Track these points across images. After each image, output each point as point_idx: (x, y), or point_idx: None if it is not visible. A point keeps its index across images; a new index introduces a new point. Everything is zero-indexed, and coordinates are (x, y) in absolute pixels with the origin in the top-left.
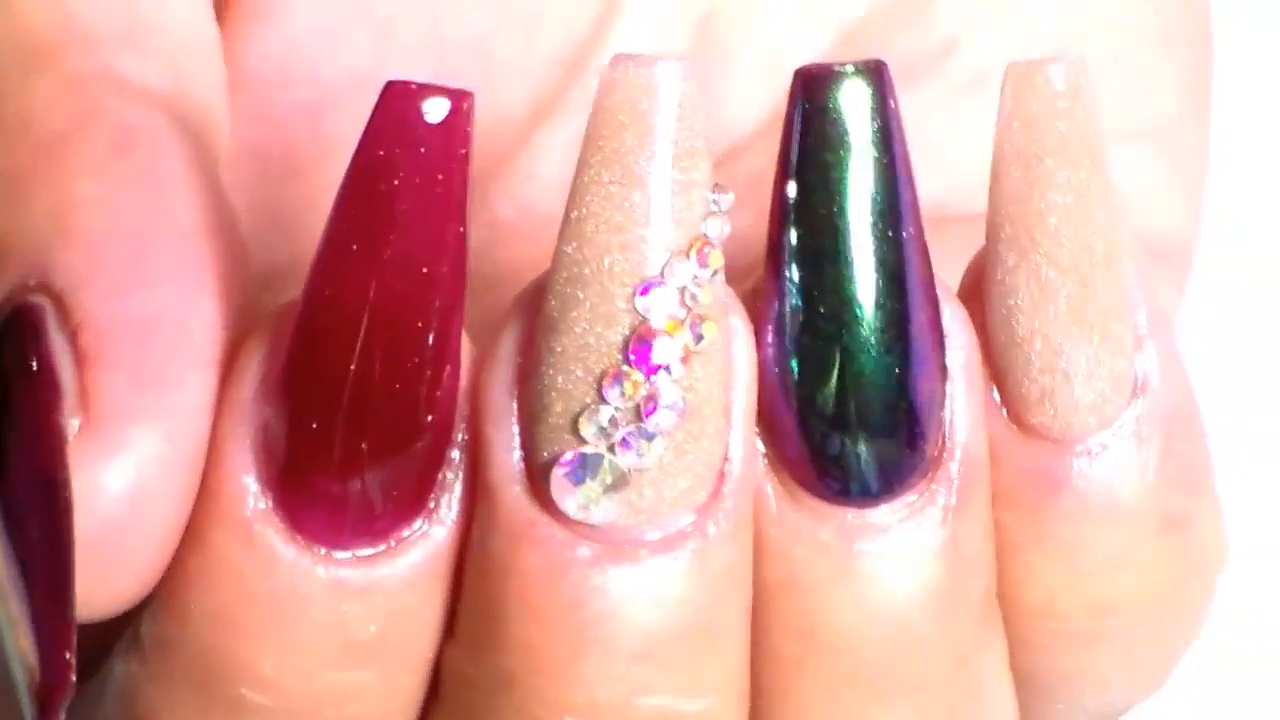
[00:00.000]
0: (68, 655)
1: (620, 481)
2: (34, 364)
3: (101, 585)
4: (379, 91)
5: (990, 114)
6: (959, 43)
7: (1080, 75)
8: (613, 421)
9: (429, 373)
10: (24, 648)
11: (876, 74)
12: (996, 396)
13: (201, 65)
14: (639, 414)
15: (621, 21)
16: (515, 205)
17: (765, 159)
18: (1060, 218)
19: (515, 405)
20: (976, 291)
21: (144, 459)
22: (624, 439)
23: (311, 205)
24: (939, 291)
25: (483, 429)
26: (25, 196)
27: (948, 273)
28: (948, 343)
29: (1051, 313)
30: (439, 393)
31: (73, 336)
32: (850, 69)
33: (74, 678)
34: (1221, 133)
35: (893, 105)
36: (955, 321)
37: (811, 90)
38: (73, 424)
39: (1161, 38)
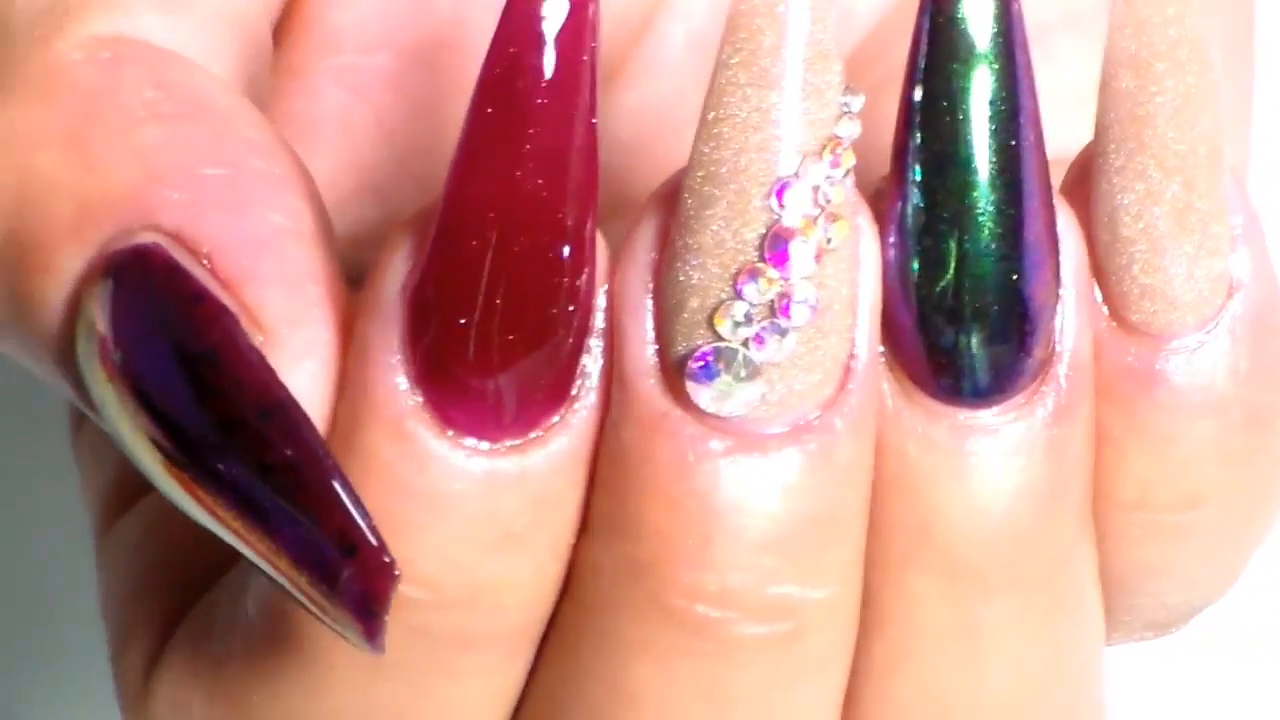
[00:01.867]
0: (383, 544)
1: (753, 375)
2: (198, 295)
3: None
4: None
5: (1042, 69)
6: None
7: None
8: (748, 317)
9: (567, 265)
10: (333, 614)
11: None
12: (1098, 294)
13: (234, 34)
14: (773, 310)
15: None
16: (634, 104)
17: (884, 66)
18: (1168, 120)
19: (650, 300)
20: (1080, 189)
21: (324, 352)
22: (758, 334)
23: (400, 167)
24: (1053, 198)
25: (620, 322)
26: (88, 151)
27: None
28: (1060, 248)
29: (1156, 213)
30: (577, 284)
31: (209, 265)
32: None
33: (398, 571)
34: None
35: (1016, 12)
36: (1068, 228)
37: (936, 12)
38: (257, 341)
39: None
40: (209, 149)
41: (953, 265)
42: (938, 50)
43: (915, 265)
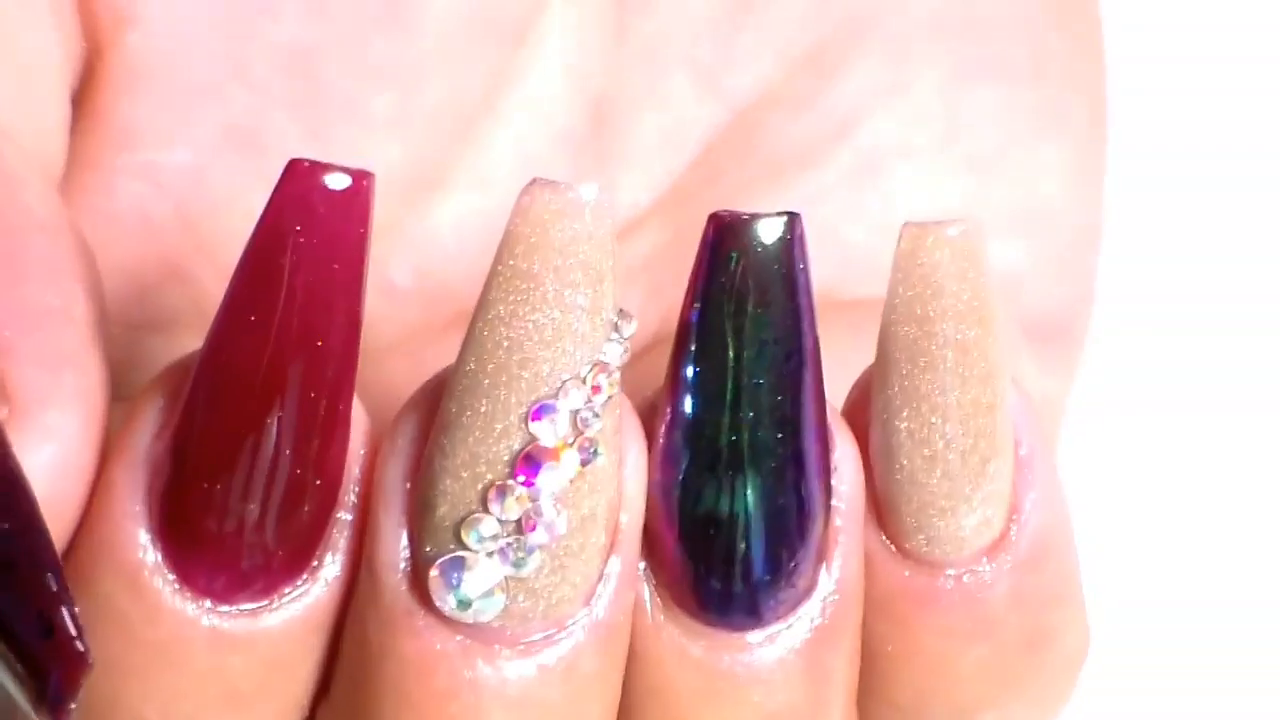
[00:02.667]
0: (80, 633)
1: (495, 589)
2: None
3: None
4: (281, 168)
5: (881, 197)
6: (852, 128)
7: (975, 237)
8: (494, 533)
9: (318, 440)
10: (23, 681)
11: (790, 226)
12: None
13: (42, 108)
14: (520, 528)
15: (512, 94)
16: (412, 271)
17: (657, 235)
18: (947, 372)
19: (405, 496)
20: (861, 412)
21: (67, 439)
22: (503, 549)
23: (206, 257)
24: (831, 425)
25: (374, 509)
26: None
27: (836, 353)
28: (835, 479)
29: (933, 455)
30: (328, 459)
31: None
32: (763, 221)
33: (90, 659)
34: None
35: (799, 254)
36: (846, 457)
37: (722, 237)
38: (0, 414)
39: (1049, 123)
40: None
41: (718, 496)
42: (713, 286)
43: (678, 492)
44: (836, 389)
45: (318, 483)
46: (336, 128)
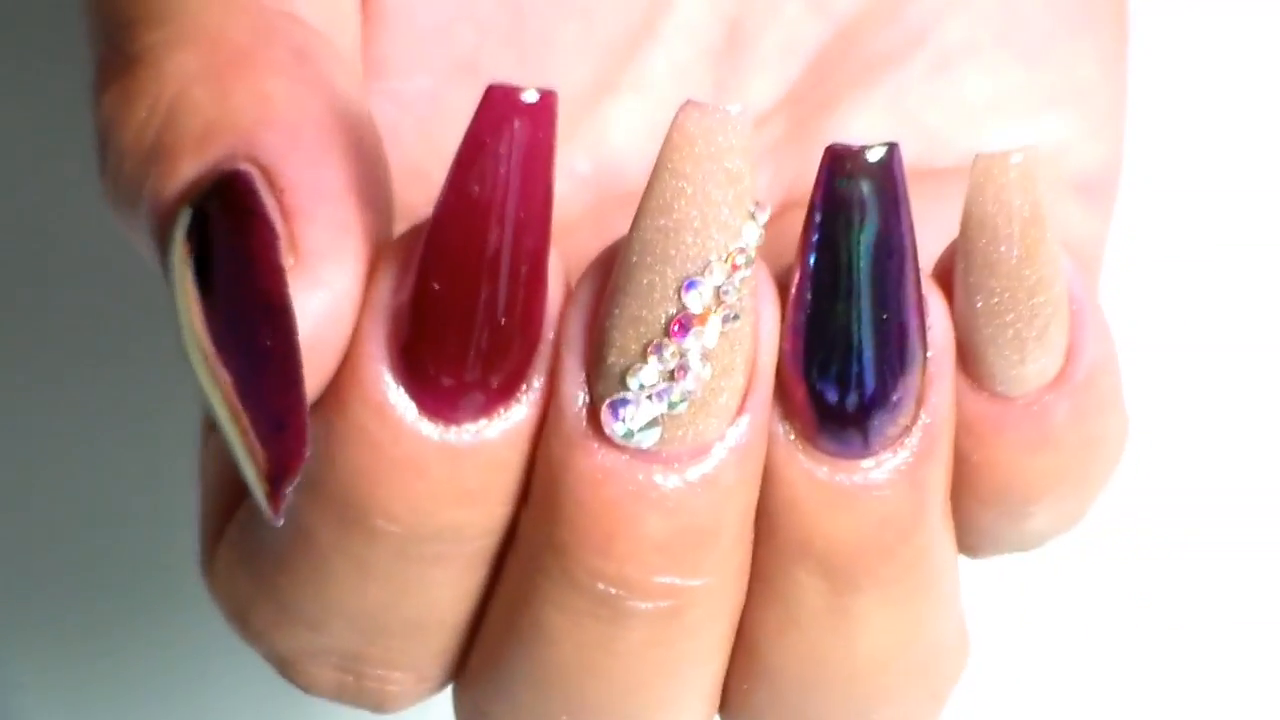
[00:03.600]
0: (305, 435)
1: (653, 424)
2: (256, 212)
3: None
4: (483, 88)
5: (952, 86)
6: (928, 33)
7: (1033, 162)
8: (653, 379)
9: (523, 296)
10: (254, 453)
11: (890, 154)
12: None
13: (346, 23)
14: (673, 376)
15: (666, 20)
16: (590, 161)
17: (779, 128)
18: (1014, 267)
19: (583, 344)
20: (948, 270)
21: (338, 291)
22: (659, 392)
23: (440, 161)
24: (926, 295)
25: (560, 352)
26: (225, 90)
27: (928, 212)
28: (930, 335)
29: (1004, 325)
30: (531, 311)
31: (280, 197)
32: (869, 153)
33: (308, 454)
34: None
35: (899, 175)
36: (938, 316)
37: (835, 167)
38: (289, 262)
39: (1084, 20)
40: (315, 111)
41: (836, 356)
42: (829, 203)
43: (803, 356)
44: (931, 244)
45: (523, 329)
46: (538, 54)
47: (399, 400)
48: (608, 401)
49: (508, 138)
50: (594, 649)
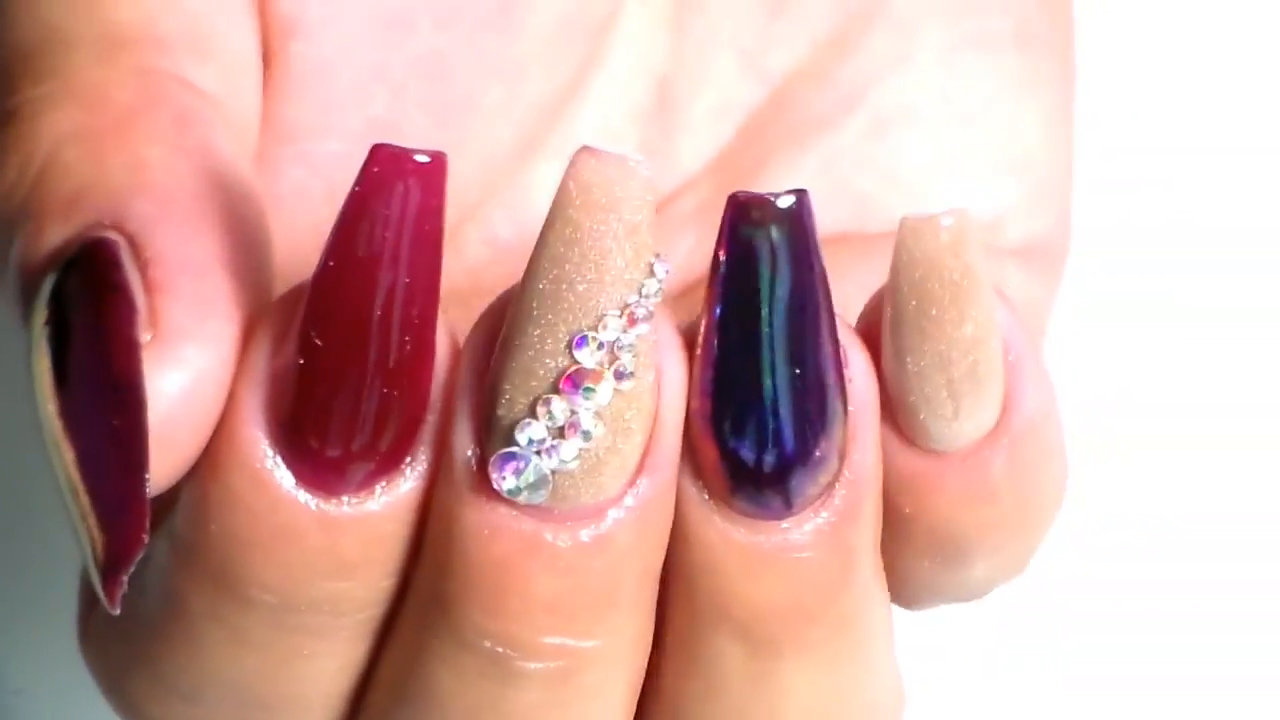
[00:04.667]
0: (144, 521)
1: (542, 481)
2: (115, 286)
3: (153, 469)
4: (368, 152)
5: (888, 152)
6: (863, 95)
7: (964, 225)
8: (546, 431)
9: (409, 365)
10: (91, 535)
11: (799, 202)
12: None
13: (243, 86)
14: (561, 434)
15: (594, 80)
16: (513, 227)
17: (706, 191)
18: (946, 334)
19: (473, 395)
20: (874, 320)
21: (198, 371)
22: (549, 449)
23: None
24: (845, 345)
25: (451, 403)
26: (101, 154)
27: (852, 277)
28: (850, 388)
29: (936, 386)
30: (417, 380)
31: (144, 269)
32: (779, 200)
33: (146, 540)
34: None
35: (809, 226)
36: (860, 372)
37: (740, 216)
38: (145, 338)
39: (1028, 81)
40: (191, 180)
41: (749, 414)
42: (736, 252)
43: (713, 415)
44: (853, 307)
45: (408, 399)
46: (457, 118)
47: (276, 469)
48: (495, 456)
49: (395, 200)
50: (485, 710)
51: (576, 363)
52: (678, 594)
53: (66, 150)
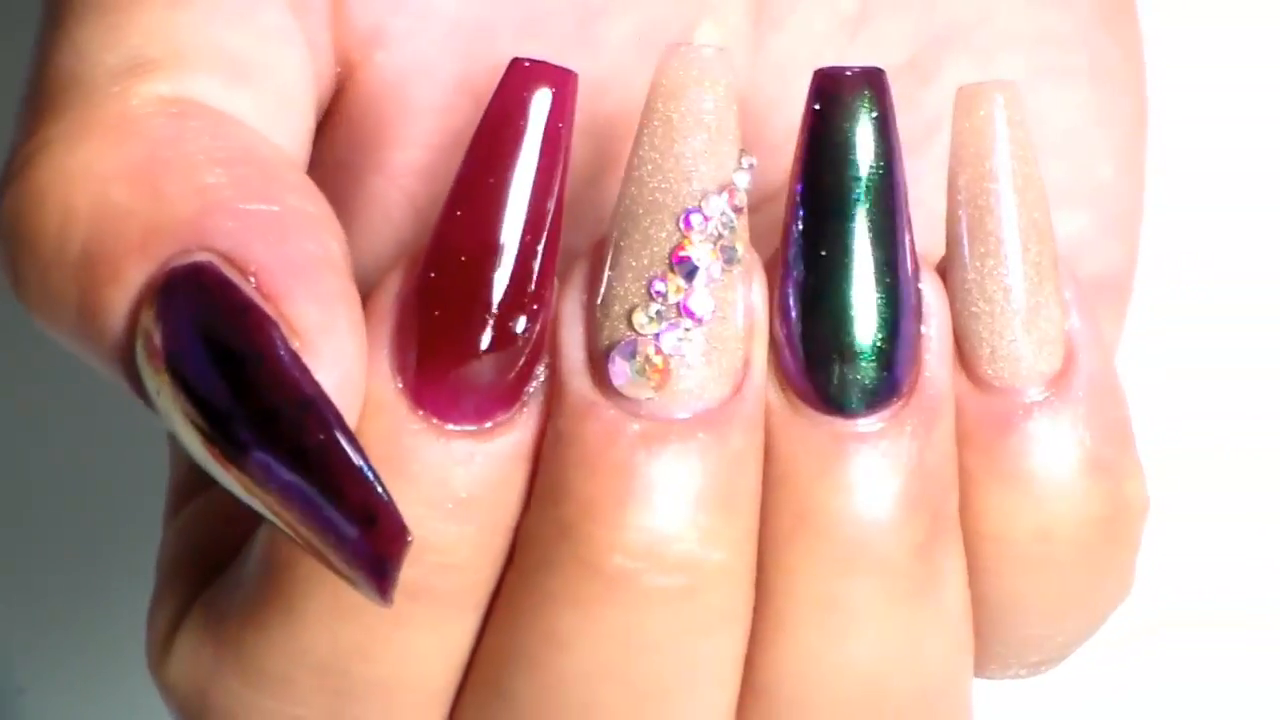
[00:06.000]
0: (401, 521)
1: (656, 368)
2: (246, 305)
3: None
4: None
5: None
6: (943, 122)
7: (1016, 96)
8: (658, 314)
9: (531, 292)
10: (347, 565)
11: (878, 79)
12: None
13: (288, 112)
14: (679, 311)
15: None
16: (587, 238)
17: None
18: (1004, 210)
19: (583, 312)
20: (944, 277)
21: (348, 363)
22: (667, 328)
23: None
24: (922, 268)
25: (558, 334)
26: (155, 187)
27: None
28: (925, 310)
29: (999, 288)
30: (537, 308)
31: (255, 282)
32: (857, 75)
33: (410, 537)
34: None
35: (889, 104)
36: (935, 294)
37: (824, 91)
38: (295, 345)
39: (1103, 116)
40: (256, 188)
41: (829, 321)
42: (821, 138)
43: (798, 313)
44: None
45: (526, 333)
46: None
47: (398, 395)
48: (615, 347)
49: (519, 136)
50: (613, 645)
51: (684, 238)
52: (761, 515)
53: (114, 190)
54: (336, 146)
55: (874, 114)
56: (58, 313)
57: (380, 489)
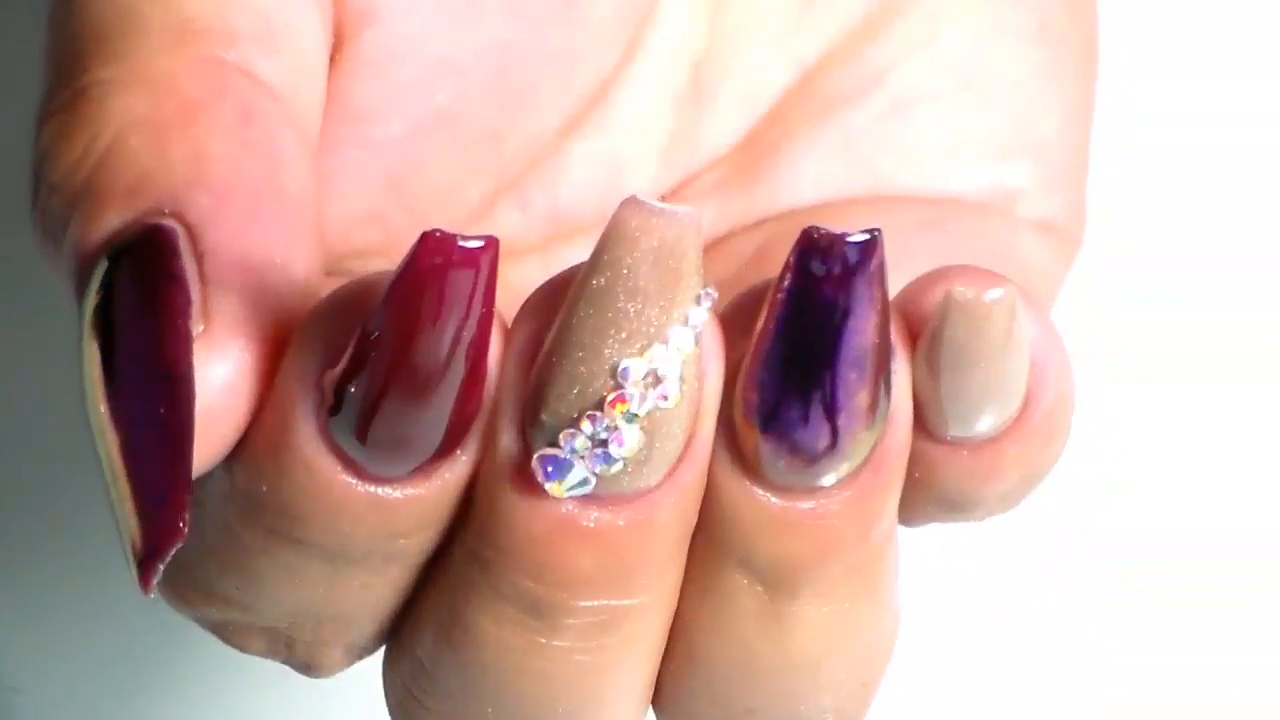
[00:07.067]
0: (184, 513)
1: (584, 482)
2: (173, 275)
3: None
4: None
5: (912, 132)
6: (886, 75)
7: (1012, 299)
8: (585, 445)
9: (462, 405)
10: (130, 522)
11: (872, 242)
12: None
13: (309, 80)
14: (605, 444)
15: (635, 65)
16: (546, 197)
17: (731, 170)
18: (985, 381)
19: (519, 392)
20: (914, 305)
21: (241, 366)
22: (593, 456)
23: (403, 207)
24: (894, 342)
25: (498, 402)
26: (165, 143)
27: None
28: (892, 393)
29: (971, 408)
30: (468, 405)
31: (199, 260)
32: (847, 242)
33: (185, 532)
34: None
35: (879, 270)
36: (898, 372)
37: (808, 251)
38: (198, 328)
39: (1049, 74)
40: (250, 177)
41: (795, 418)
42: (801, 291)
43: (759, 404)
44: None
45: (460, 415)
46: (514, 104)
47: (329, 460)
48: (539, 455)
49: (448, 289)
50: (523, 652)
51: (620, 386)
52: (699, 537)
53: (131, 136)
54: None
55: (863, 290)
56: (50, 234)
57: (183, 485)
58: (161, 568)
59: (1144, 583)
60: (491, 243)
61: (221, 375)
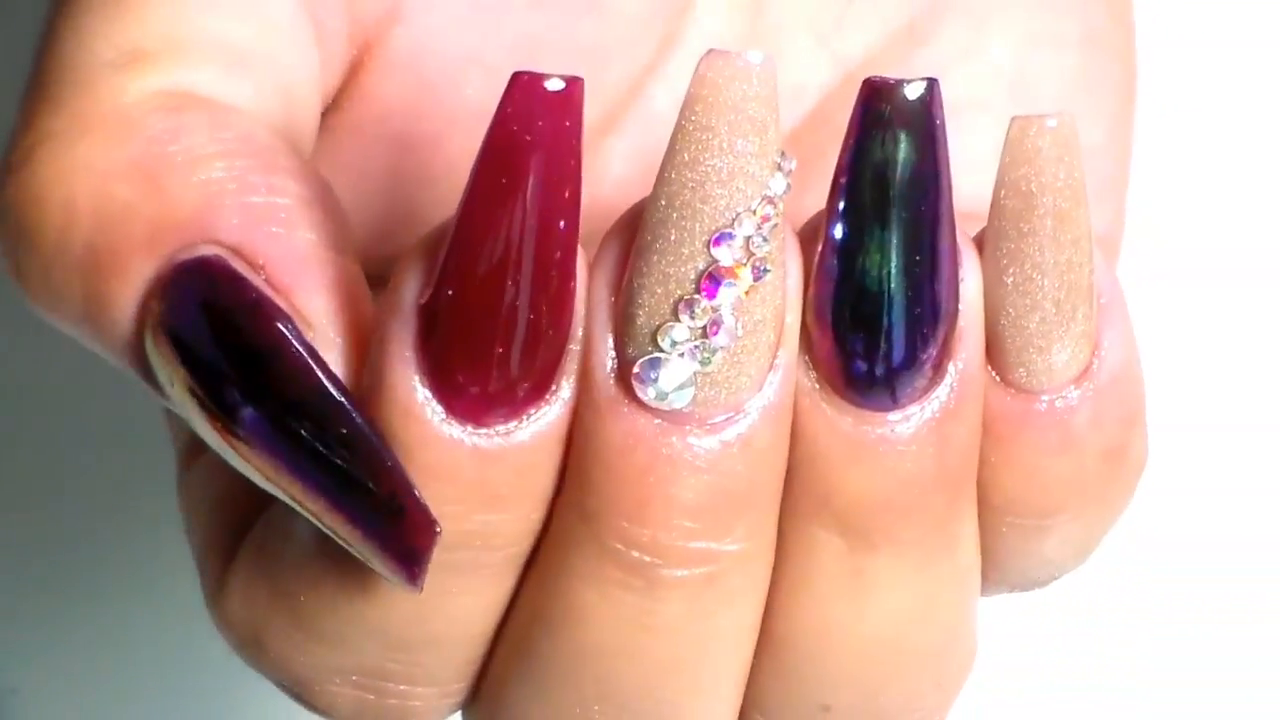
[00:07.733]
0: (428, 509)
1: (686, 383)
2: (258, 300)
3: None
4: (508, 80)
5: (957, 140)
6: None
7: (1070, 127)
8: (684, 337)
9: (550, 301)
10: (379, 560)
11: (929, 89)
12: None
13: (286, 101)
14: (705, 333)
15: (672, 59)
16: (588, 196)
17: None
18: (1046, 236)
19: (610, 310)
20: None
21: (344, 349)
22: (691, 350)
23: (406, 196)
24: (961, 246)
25: (587, 328)
26: (158, 184)
27: None
28: (962, 288)
29: (1033, 303)
30: (560, 314)
31: (264, 275)
32: (905, 88)
33: (439, 529)
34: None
35: (937, 112)
36: (971, 274)
37: (871, 100)
38: (310, 336)
39: (1091, 82)
40: (256, 179)
41: (864, 300)
42: (866, 142)
43: (831, 300)
44: None
45: (551, 331)
46: None
47: (427, 403)
48: (639, 363)
49: (534, 126)
50: (629, 626)
51: (715, 261)
52: (786, 498)
53: (116, 188)
54: (350, 115)
55: (921, 129)
56: (62, 305)
57: (406, 480)
58: (428, 567)
59: (1144, 583)
60: (577, 83)
61: (334, 364)
